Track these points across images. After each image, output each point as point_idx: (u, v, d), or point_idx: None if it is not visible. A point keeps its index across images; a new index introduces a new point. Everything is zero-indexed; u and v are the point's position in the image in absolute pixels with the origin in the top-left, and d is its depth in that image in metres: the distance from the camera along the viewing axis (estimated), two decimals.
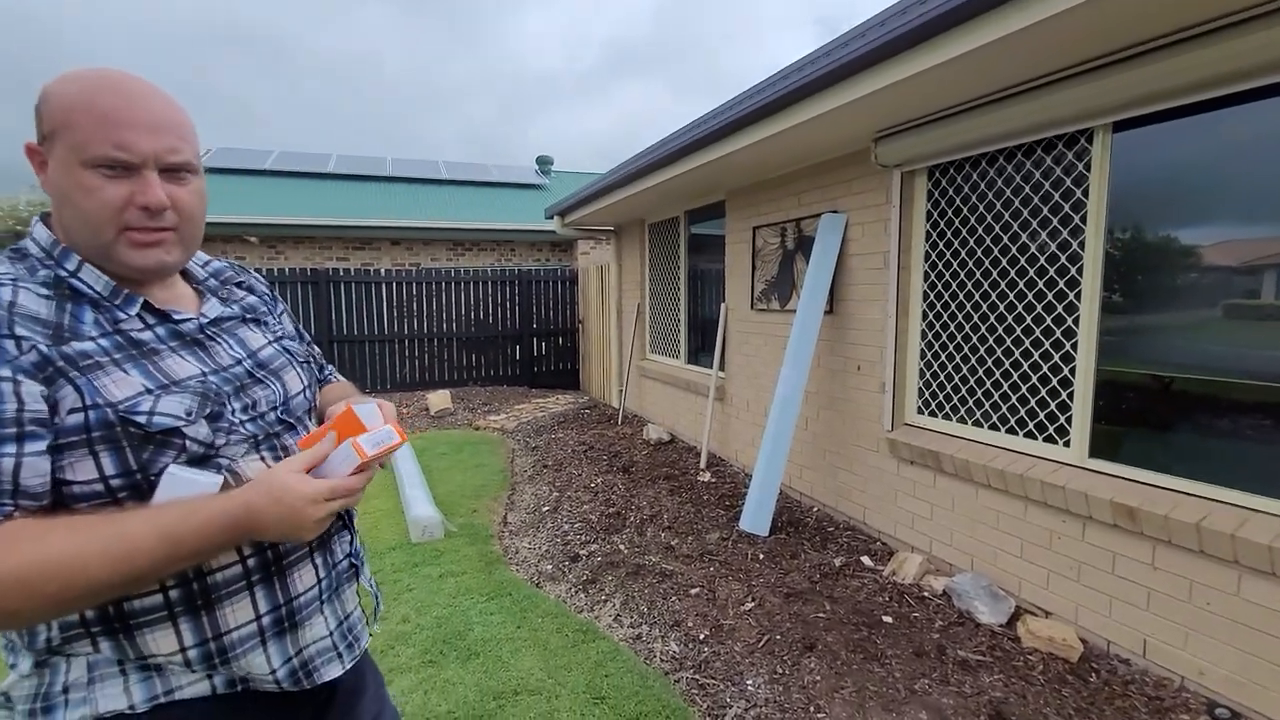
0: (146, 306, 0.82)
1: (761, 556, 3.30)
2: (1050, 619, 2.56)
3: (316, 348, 1.19)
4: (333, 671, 0.92)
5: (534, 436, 6.23)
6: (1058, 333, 2.61)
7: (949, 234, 3.08)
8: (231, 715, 0.83)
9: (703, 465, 4.92)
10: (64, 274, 0.78)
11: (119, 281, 0.81)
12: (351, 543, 1.02)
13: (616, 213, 6.37)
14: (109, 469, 0.73)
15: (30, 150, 0.79)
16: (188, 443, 0.77)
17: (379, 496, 4.42)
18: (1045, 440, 2.68)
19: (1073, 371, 2.55)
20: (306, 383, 1.00)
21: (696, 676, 2.37)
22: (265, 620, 0.84)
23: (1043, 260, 2.66)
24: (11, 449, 0.68)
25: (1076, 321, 2.53)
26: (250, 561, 0.83)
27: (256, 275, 1.10)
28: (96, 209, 0.76)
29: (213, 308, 0.92)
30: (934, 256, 3.17)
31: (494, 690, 2.29)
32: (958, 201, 3.02)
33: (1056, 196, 2.59)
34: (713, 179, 4.53)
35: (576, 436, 6.10)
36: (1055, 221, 2.60)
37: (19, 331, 0.71)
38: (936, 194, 3.14)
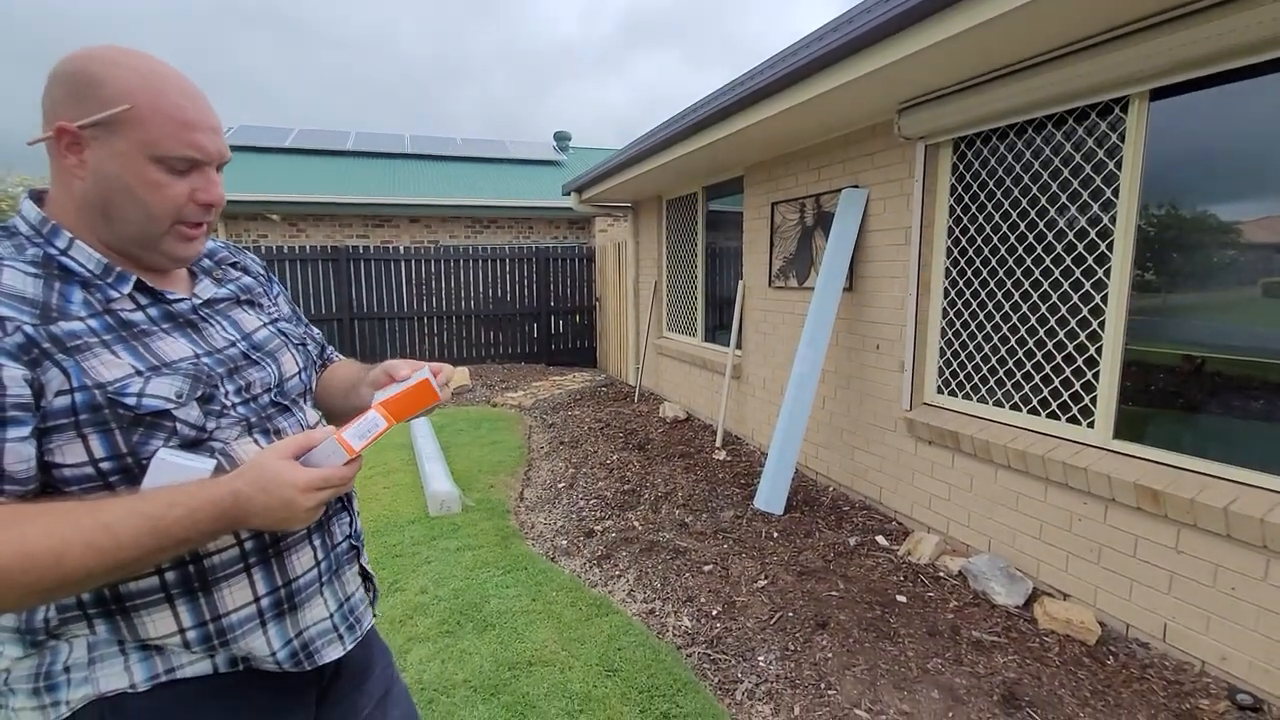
0: (139, 286, 0.81)
1: (776, 535, 3.30)
2: (1068, 601, 2.53)
3: (316, 329, 1.18)
4: (334, 653, 0.92)
5: (551, 414, 6.27)
6: (1084, 311, 2.53)
7: (973, 209, 2.99)
8: (233, 694, 0.83)
9: (718, 443, 4.91)
10: (54, 252, 0.76)
11: (119, 259, 0.80)
12: (351, 524, 1.01)
13: (634, 189, 6.30)
14: (98, 452, 0.72)
15: (64, 131, 0.74)
16: (178, 425, 0.76)
17: (399, 471, 4.50)
18: (1068, 421, 2.62)
19: (1099, 351, 2.48)
20: (302, 365, 0.99)
21: (708, 651, 2.39)
22: (264, 602, 0.84)
23: (1071, 236, 2.57)
24: None
25: (1105, 299, 2.45)
26: (247, 544, 0.82)
27: (251, 255, 1.09)
28: (161, 203, 0.79)
29: (206, 288, 0.91)
30: (957, 232, 3.09)
31: (509, 661, 2.34)
32: (983, 175, 2.93)
33: (1088, 169, 2.49)
34: (731, 154, 4.45)
35: (593, 414, 6.13)
36: (1086, 195, 2.51)
37: (3, 312, 0.69)
38: (961, 167, 3.05)
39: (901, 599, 2.66)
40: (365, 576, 1.07)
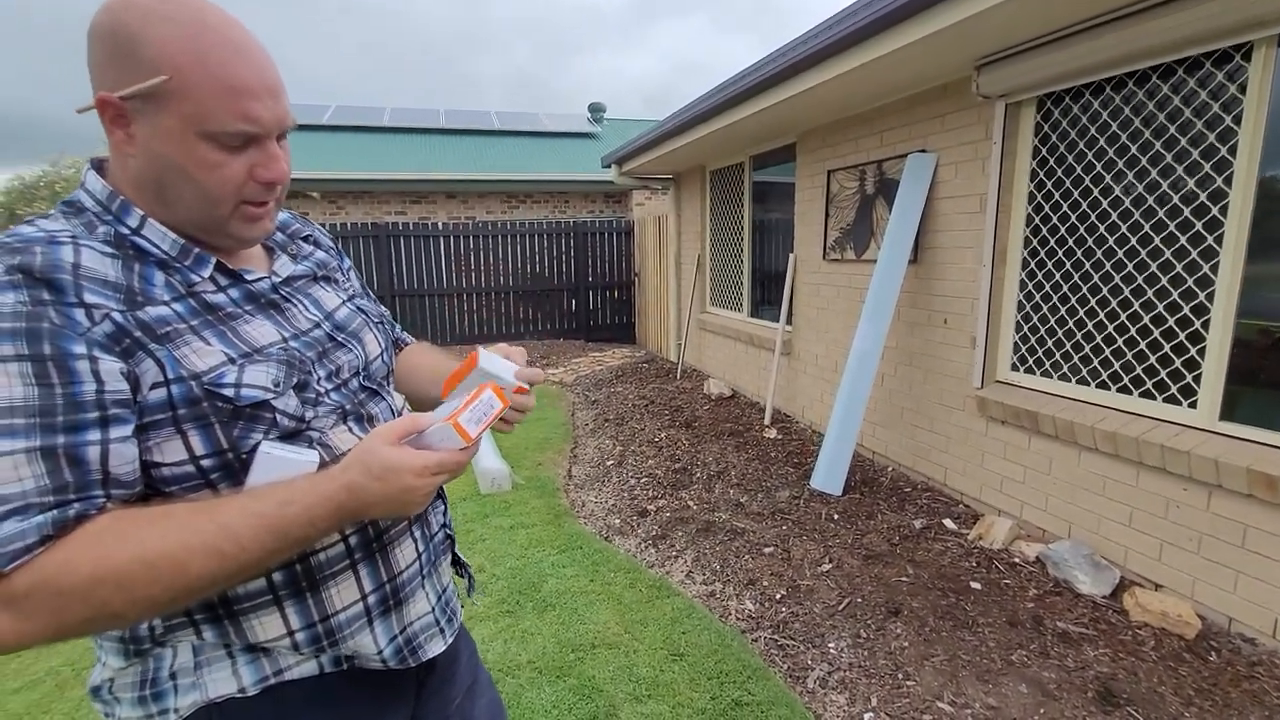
0: (219, 267, 0.73)
1: (836, 516, 3.19)
2: (1161, 592, 2.37)
3: (383, 306, 1.12)
4: (436, 648, 0.88)
5: (593, 390, 6.23)
6: (1190, 281, 2.33)
7: (1059, 172, 2.77)
8: (340, 693, 0.79)
9: (767, 421, 4.80)
10: (125, 231, 0.68)
11: (188, 240, 0.72)
12: (445, 513, 0.97)
13: (676, 160, 6.12)
14: (199, 449, 0.66)
15: (106, 103, 0.64)
16: (278, 416, 0.70)
17: None
18: (1165, 400, 2.43)
19: (1205, 325, 2.28)
20: (384, 345, 0.92)
21: (775, 636, 2.32)
22: (371, 599, 0.79)
23: (1176, 199, 2.35)
24: (96, 435, 0.60)
25: (1215, 269, 2.24)
26: (352, 540, 0.77)
27: (320, 228, 1.01)
28: (218, 185, 0.69)
29: (284, 265, 0.83)
30: (1039, 198, 2.87)
31: (572, 642, 2.30)
32: (1072, 135, 2.70)
33: (1199, 125, 2.26)
34: (784, 119, 4.24)
35: (636, 390, 6.06)
36: (1196, 154, 2.28)
37: (89, 299, 0.61)
38: (1046, 127, 2.82)
39: (976, 586, 2.54)
40: (457, 563, 1.04)
